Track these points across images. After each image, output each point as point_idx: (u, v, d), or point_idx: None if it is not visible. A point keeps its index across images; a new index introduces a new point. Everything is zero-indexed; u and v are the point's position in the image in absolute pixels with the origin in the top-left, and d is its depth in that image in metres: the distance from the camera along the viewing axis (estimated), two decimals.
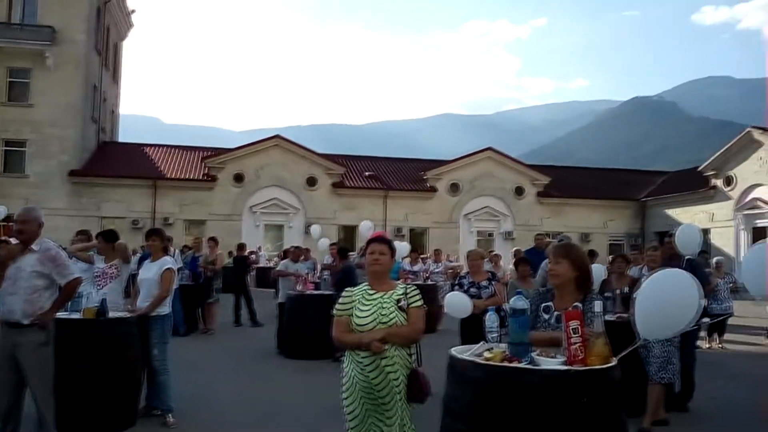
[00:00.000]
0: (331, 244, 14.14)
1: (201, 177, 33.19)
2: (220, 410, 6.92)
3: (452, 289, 7.33)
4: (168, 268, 6.46)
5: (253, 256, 24.12)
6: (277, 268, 13.48)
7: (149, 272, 6.52)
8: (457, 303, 6.50)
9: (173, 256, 9.80)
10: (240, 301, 14.81)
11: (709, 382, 8.25)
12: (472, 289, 7.15)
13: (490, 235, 36.03)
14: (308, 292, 11.12)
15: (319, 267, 14.86)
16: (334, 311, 3.81)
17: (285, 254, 15.06)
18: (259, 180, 33.45)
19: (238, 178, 33.20)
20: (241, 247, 16.77)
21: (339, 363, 7.80)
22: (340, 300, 3.83)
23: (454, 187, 35.63)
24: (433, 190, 35.38)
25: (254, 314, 14.68)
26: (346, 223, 34.01)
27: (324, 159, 35.17)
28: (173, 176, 33.04)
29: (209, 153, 35.21)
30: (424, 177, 35.70)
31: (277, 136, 35.26)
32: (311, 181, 34.03)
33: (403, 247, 15.57)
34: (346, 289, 3.90)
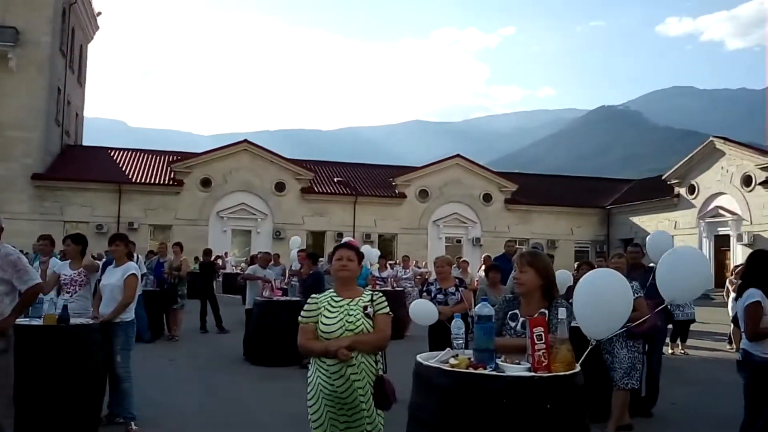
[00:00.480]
0: (299, 250, 14.07)
1: (167, 181, 32.81)
2: (184, 418, 6.83)
3: (420, 296, 7.33)
4: (132, 274, 6.35)
5: (220, 262, 23.88)
6: (246, 272, 13.39)
7: (112, 278, 6.41)
8: (422, 310, 6.48)
9: (137, 262, 9.66)
10: (206, 307, 14.65)
11: (673, 388, 8.37)
12: (439, 296, 7.18)
13: (459, 241, 36.24)
14: (276, 298, 11.05)
15: (287, 273, 14.79)
16: (300, 318, 3.77)
17: (253, 260, 14.97)
18: (226, 185, 33.18)
19: (206, 182, 32.89)
20: (207, 252, 16.61)
21: (306, 370, 7.76)
22: (306, 307, 3.79)
23: (423, 194, 35.77)
24: (402, 196, 35.47)
25: (220, 320, 14.53)
26: (314, 228, 33.93)
27: (293, 164, 35.03)
28: (139, 180, 32.61)
29: (176, 157, 34.84)
30: (394, 183, 35.78)
31: (245, 141, 35.09)
32: (280, 187, 33.86)
33: (372, 253, 15.56)
34: (312, 295, 3.87)
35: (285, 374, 9.43)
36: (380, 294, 3.86)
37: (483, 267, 14.39)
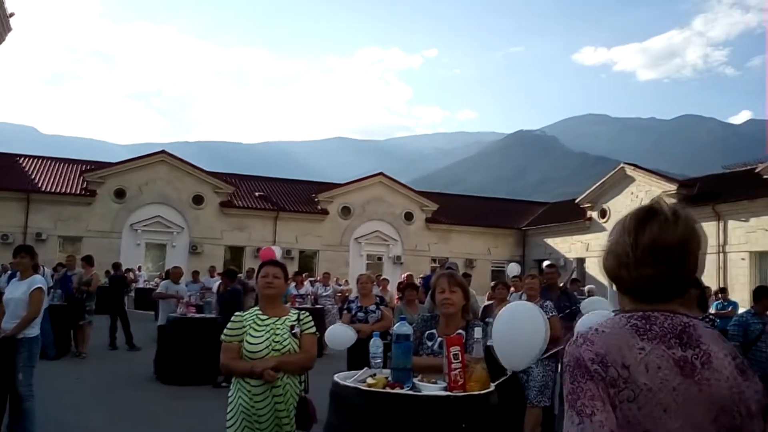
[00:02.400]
0: (210, 267, 13.81)
1: (79, 191, 31.50)
2: None
3: (340, 314, 7.30)
4: (37, 288, 6.06)
5: (131, 275, 23.10)
6: (158, 289, 13.00)
7: (17, 291, 6.09)
8: (339, 336, 6.35)
9: (43, 275, 9.23)
10: (116, 322, 14.12)
11: None
12: (360, 314, 7.18)
13: (380, 259, 36.36)
14: (190, 315, 10.77)
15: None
16: (223, 336, 3.66)
17: (167, 275, 14.56)
18: (141, 196, 32.16)
19: (120, 193, 31.78)
20: (118, 266, 16.05)
21: (220, 389, 7.57)
22: (230, 325, 3.68)
23: (346, 211, 35.77)
24: (325, 212, 35.34)
25: (131, 337, 14.03)
26: (233, 243, 33.30)
27: (212, 177, 34.33)
28: (49, 190, 31.15)
29: (89, 166, 33.54)
30: (316, 199, 35.62)
31: (162, 152, 34.13)
32: (198, 200, 33.10)
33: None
34: (236, 313, 3.77)
35: (197, 394, 9.19)
36: (307, 313, 3.84)
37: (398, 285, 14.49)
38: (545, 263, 8.86)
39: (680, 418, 1.41)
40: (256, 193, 35.72)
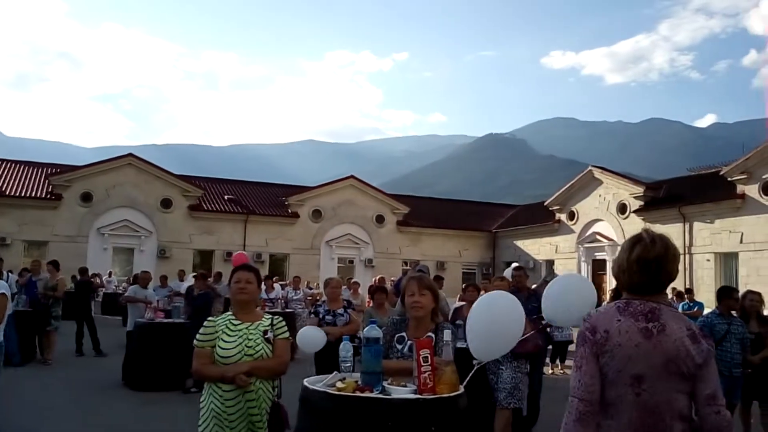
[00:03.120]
0: (179, 271, 13.66)
1: (44, 195, 30.94)
2: None
3: (309, 317, 7.26)
4: (1, 293, 5.94)
5: (98, 280, 22.75)
6: (126, 294, 12.84)
7: None
8: (311, 338, 6.32)
9: (7, 280, 9.06)
10: (83, 328, 13.88)
11: (552, 406, 8.67)
12: (328, 317, 7.15)
13: (351, 262, 36.33)
14: (159, 320, 10.64)
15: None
16: (196, 341, 3.62)
17: (134, 279, 14.38)
18: (108, 200, 31.71)
19: (86, 197, 31.28)
20: (84, 271, 15.78)
21: (189, 395, 7.49)
22: (202, 330, 3.64)
23: (317, 214, 35.66)
24: (295, 215, 35.20)
25: (98, 343, 13.81)
26: (203, 247, 33.02)
27: (180, 180, 33.98)
28: (13, 193, 30.53)
29: (55, 169, 32.99)
30: (286, 202, 35.47)
31: (130, 155, 33.66)
32: (166, 203, 32.73)
33: None
34: (209, 318, 3.73)
35: (166, 399, 9.08)
36: (280, 318, 3.82)
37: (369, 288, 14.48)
38: (513, 265, 8.93)
39: (640, 363, 2.33)
40: (226, 197, 35.45)
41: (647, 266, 2.43)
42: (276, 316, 3.83)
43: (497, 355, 3.47)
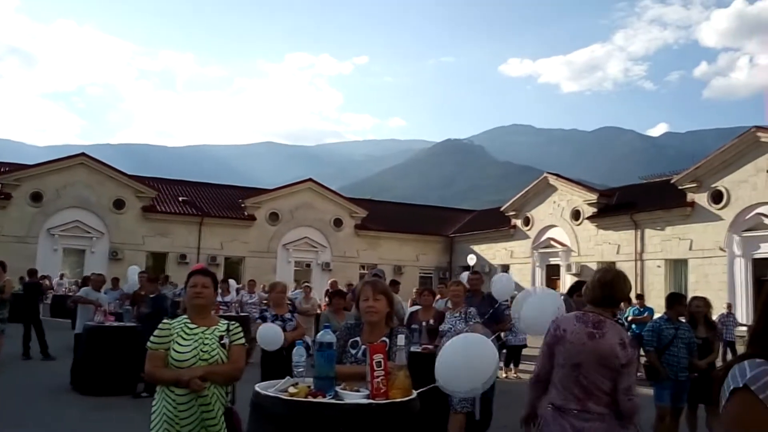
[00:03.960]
0: (141, 272, 13.39)
1: None
2: None
3: (254, 322, 7.18)
4: None
5: (47, 282, 22.17)
6: (77, 294, 12.53)
7: None
8: (272, 335, 6.31)
9: None
10: (30, 331, 13.53)
11: (505, 411, 8.74)
12: (276, 322, 7.08)
13: (308, 265, 36.15)
14: (108, 323, 10.41)
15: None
16: (150, 344, 3.56)
17: (85, 281, 14.04)
18: (59, 200, 30.94)
19: (36, 197, 30.46)
20: (33, 272, 15.36)
21: (140, 399, 7.34)
22: (157, 332, 3.59)
23: (274, 217, 35.38)
24: (252, 218, 34.87)
25: (46, 346, 13.45)
26: (156, 249, 32.47)
27: (134, 181, 33.33)
28: None
29: (4, 168, 32.05)
30: (243, 205, 35.10)
31: (82, 154, 32.92)
32: (119, 204, 32.08)
33: None
34: (164, 320, 3.69)
35: (116, 404, 8.89)
36: (237, 324, 3.80)
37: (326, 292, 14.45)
38: (464, 275, 9.05)
39: (582, 356, 3.43)
40: (180, 198, 34.95)
41: (605, 287, 3.57)
42: (232, 322, 3.81)
43: (464, 390, 3.30)
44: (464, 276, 14.78)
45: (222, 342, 3.59)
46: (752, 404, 1.44)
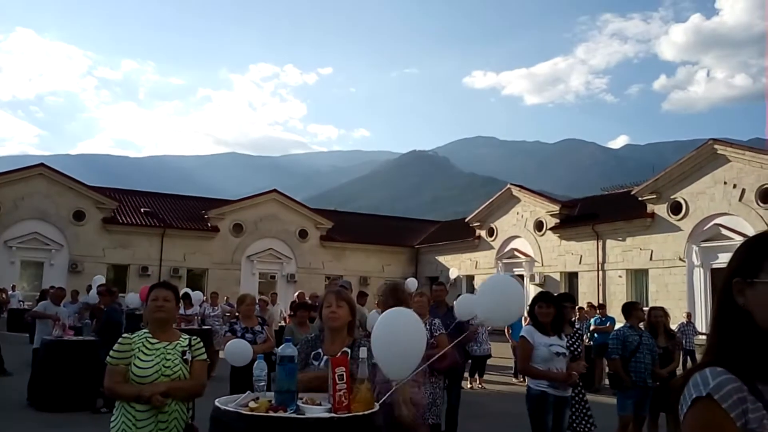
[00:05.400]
0: (99, 285, 13.13)
1: None
2: None
3: (224, 336, 7.09)
4: None
5: (3, 296, 21.63)
6: (35, 309, 12.22)
7: None
8: (239, 351, 6.23)
9: None
10: None
11: (470, 421, 8.80)
12: (247, 335, 7.01)
13: (273, 277, 35.85)
14: (67, 337, 10.17)
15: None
16: (109, 359, 3.49)
17: (43, 294, 13.73)
18: (17, 212, 30.21)
19: None
20: None
21: (99, 415, 7.21)
22: (117, 347, 3.51)
23: (238, 228, 35.05)
24: (215, 230, 34.49)
25: (2, 361, 13.07)
26: (117, 261, 31.89)
27: (94, 192, 32.72)
28: None
29: None
30: (206, 216, 34.70)
31: (41, 165, 32.23)
32: (78, 216, 31.46)
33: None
34: (124, 335, 3.60)
35: (75, 420, 8.69)
36: (198, 339, 3.76)
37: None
38: (411, 281, 9.07)
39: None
40: (142, 209, 34.42)
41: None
42: (194, 337, 3.77)
43: (409, 372, 3.46)
44: (411, 281, 14.74)
45: (184, 357, 3.54)
46: (715, 413, 1.44)
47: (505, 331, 15.56)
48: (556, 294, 6.52)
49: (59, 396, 9.34)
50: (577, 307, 16.83)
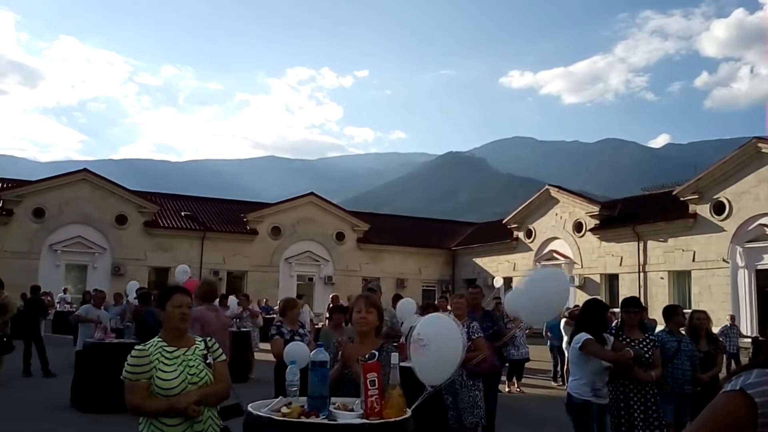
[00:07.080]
0: (138, 289, 13.36)
1: None
2: None
3: (272, 338, 7.09)
4: None
5: (49, 299, 22.13)
6: (76, 313, 12.49)
7: None
8: (301, 353, 6.28)
9: None
10: (31, 348, 13.49)
11: (508, 425, 8.71)
12: (296, 338, 7.04)
13: (310, 279, 36.08)
14: (108, 340, 10.37)
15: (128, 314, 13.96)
16: (126, 374, 3.29)
17: (86, 298, 14.03)
18: (62, 216, 30.97)
19: (38, 213, 30.51)
20: (36, 289, 15.36)
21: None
22: (132, 361, 3.29)
23: (276, 231, 35.37)
24: (254, 232, 34.87)
25: (46, 363, 13.40)
26: (158, 264, 32.43)
27: (136, 196, 33.39)
28: None
29: (6, 184, 32.14)
30: (245, 219, 35.11)
31: (85, 170, 33.02)
32: (121, 219, 32.11)
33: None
34: (136, 347, 3.41)
35: (116, 421, 8.80)
36: (212, 339, 3.66)
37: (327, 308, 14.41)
38: (473, 284, 9.02)
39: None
40: (182, 213, 34.98)
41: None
42: (209, 338, 3.64)
43: (445, 378, 3.47)
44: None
45: (207, 362, 3.42)
46: (742, 404, 1.40)
47: (543, 331, 15.39)
48: (592, 297, 6.41)
49: (101, 398, 9.48)
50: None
